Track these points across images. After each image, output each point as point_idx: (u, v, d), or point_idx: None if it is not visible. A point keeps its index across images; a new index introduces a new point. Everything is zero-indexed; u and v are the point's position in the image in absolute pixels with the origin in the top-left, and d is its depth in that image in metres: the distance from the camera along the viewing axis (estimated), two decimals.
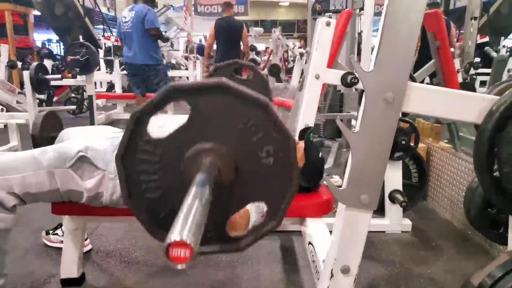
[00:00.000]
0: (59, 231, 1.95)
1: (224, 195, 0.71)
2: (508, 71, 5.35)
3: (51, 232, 1.99)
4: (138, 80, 4.48)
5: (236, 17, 5.55)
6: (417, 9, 0.90)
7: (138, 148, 0.71)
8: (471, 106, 0.95)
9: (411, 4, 0.90)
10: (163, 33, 4.88)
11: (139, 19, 4.10)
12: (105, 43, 8.06)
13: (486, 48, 4.06)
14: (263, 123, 0.67)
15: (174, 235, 0.50)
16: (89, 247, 1.95)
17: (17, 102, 4.24)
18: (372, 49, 1.27)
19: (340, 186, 1.01)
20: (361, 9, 3.64)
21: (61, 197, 1.38)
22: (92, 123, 4.49)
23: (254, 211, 1.23)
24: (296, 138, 1.72)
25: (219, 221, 0.74)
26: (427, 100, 0.97)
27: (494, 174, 0.92)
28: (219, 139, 0.68)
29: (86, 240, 1.93)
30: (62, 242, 1.70)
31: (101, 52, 6.95)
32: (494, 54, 3.95)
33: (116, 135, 1.49)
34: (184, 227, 0.51)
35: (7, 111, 4.21)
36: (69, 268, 1.63)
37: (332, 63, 2.75)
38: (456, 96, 0.98)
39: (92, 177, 1.35)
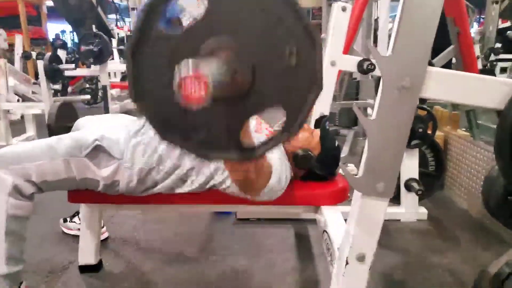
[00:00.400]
0: (76, 219, 1.98)
1: (241, 97, 0.64)
2: None
3: (68, 219, 2.02)
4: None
5: None
6: None
7: (150, 43, 0.63)
8: (493, 91, 0.92)
9: None
10: None
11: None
12: (118, 33, 8.07)
13: (508, 32, 3.90)
14: (288, 19, 0.60)
15: (189, 68, 0.45)
16: (106, 235, 1.98)
17: (33, 92, 4.30)
18: (389, 35, 1.24)
19: (356, 175, 1.00)
20: None
21: (78, 185, 1.40)
22: (106, 113, 4.54)
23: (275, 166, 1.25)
24: (312, 127, 1.70)
25: (234, 128, 0.67)
26: (447, 85, 0.94)
27: None
28: (236, 35, 0.61)
29: (103, 228, 1.96)
30: (79, 229, 1.73)
31: (114, 42, 6.96)
32: None
33: (131, 123, 1.50)
34: (200, 63, 0.46)
35: (22, 101, 4.27)
36: (87, 255, 1.67)
37: (348, 49, 2.70)
38: (477, 81, 0.95)
39: (108, 166, 1.37)
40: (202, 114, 0.57)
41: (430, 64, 2.23)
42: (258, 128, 1.50)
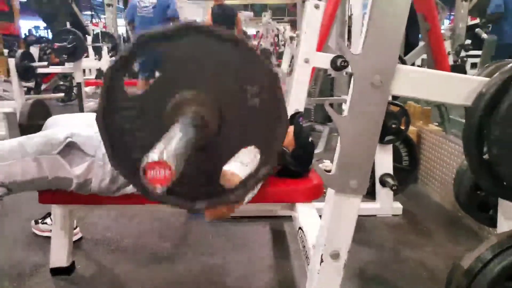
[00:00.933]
0: (48, 220, 1.93)
1: (213, 144, 0.67)
2: None
3: (40, 221, 1.96)
4: (149, 64, 4.42)
5: (226, 1, 5.72)
6: None
7: (117, 106, 0.66)
8: (461, 88, 0.93)
9: None
10: None
11: (161, 7, 4.26)
12: (93, 30, 7.91)
13: (477, 29, 4.02)
14: (244, 62, 0.62)
15: (152, 156, 0.47)
16: (79, 236, 1.93)
17: (4, 90, 4.17)
18: None
19: (330, 171, 1.00)
20: None
21: (49, 185, 1.36)
22: (81, 110, 4.43)
23: (238, 168, 1.24)
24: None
25: (211, 174, 0.70)
26: (416, 82, 0.95)
27: (484, 156, 0.91)
28: (199, 86, 0.63)
29: (75, 228, 1.92)
30: (51, 231, 1.68)
31: (89, 39, 6.80)
32: (484, 35, 3.92)
33: None
34: (165, 150, 0.48)
35: None
36: (59, 257, 1.62)
37: (322, 46, 2.72)
38: (446, 78, 0.96)
39: (81, 164, 1.34)
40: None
41: (402, 61, 2.26)
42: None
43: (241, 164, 0.95)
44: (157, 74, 0.63)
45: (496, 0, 4.34)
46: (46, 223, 1.94)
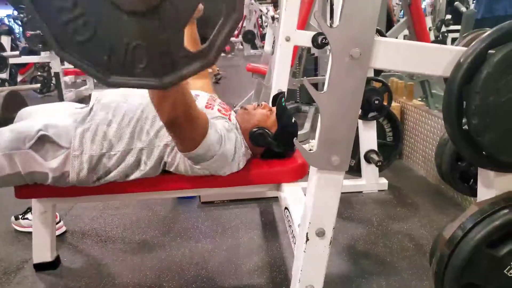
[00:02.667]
0: (29, 215, 1.89)
1: (165, 3, 0.59)
2: None
3: (20, 216, 1.92)
4: None
5: None
6: None
7: None
8: (439, 59, 0.92)
9: None
10: None
11: None
12: None
13: (456, 3, 4.02)
14: None
15: None
16: (63, 229, 1.90)
17: None
18: None
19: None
20: None
21: (24, 181, 1.33)
22: (61, 101, 4.34)
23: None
24: (270, 103, 1.68)
25: (173, 42, 0.62)
26: (395, 54, 0.93)
27: (463, 127, 0.91)
28: None
29: (59, 222, 1.89)
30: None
31: None
32: (463, 9, 3.92)
33: (78, 110, 1.42)
34: None
35: None
36: (42, 252, 1.59)
37: (304, 25, 2.68)
38: (424, 50, 0.95)
39: (56, 157, 1.30)
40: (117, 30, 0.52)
41: (382, 36, 2.24)
42: (210, 105, 1.47)
43: None
44: None
45: None
46: (27, 218, 1.90)
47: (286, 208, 1.40)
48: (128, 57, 0.62)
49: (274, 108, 1.54)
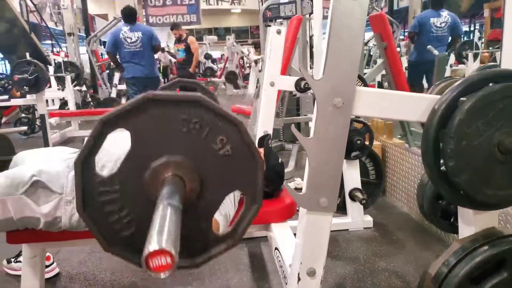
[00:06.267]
0: (21, 259, 1.85)
1: (199, 200, 0.67)
2: (450, 66, 5.66)
3: (12, 260, 1.89)
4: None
5: (190, 27, 5.91)
6: (358, 17, 0.95)
7: (95, 193, 0.67)
8: (416, 106, 1.01)
9: (352, 12, 0.94)
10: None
11: (147, 38, 4.50)
12: (54, 59, 7.75)
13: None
14: (205, 117, 0.64)
15: (152, 245, 0.48)
16: (56, 271, 1.88)
17: None
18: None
19: (302, 189, 1.04)
20: (311, 13, 3.75)
21: (16, 226, 1.33)
22: (46, 143, 4.32)
23: (222, 222, 1.24)
24: (256, 144, 1.74)
25: (204, 229, 0.70)
26: (375, 103, 1.02)
27: (441, 167, 0.98)
28: (170, 151, 0.65)
29: (52, 264, 1.87)
30: None
31: (51, 69, 6.67)
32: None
33: (72, 155, 1.45)
34: (161, 236, 0.49)
35: None
36: None
37: (286, 69, 2.80)
38: (402, 98, 1.03)
39: (49, 202, 1.31)
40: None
41: (362, 80, 2.35)
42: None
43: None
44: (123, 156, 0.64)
45: (415, 20, 5.12)
46: (19, 261, 1.87)
47: (276, 248, 1.43)
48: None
49: (261, 150, 1.60)
